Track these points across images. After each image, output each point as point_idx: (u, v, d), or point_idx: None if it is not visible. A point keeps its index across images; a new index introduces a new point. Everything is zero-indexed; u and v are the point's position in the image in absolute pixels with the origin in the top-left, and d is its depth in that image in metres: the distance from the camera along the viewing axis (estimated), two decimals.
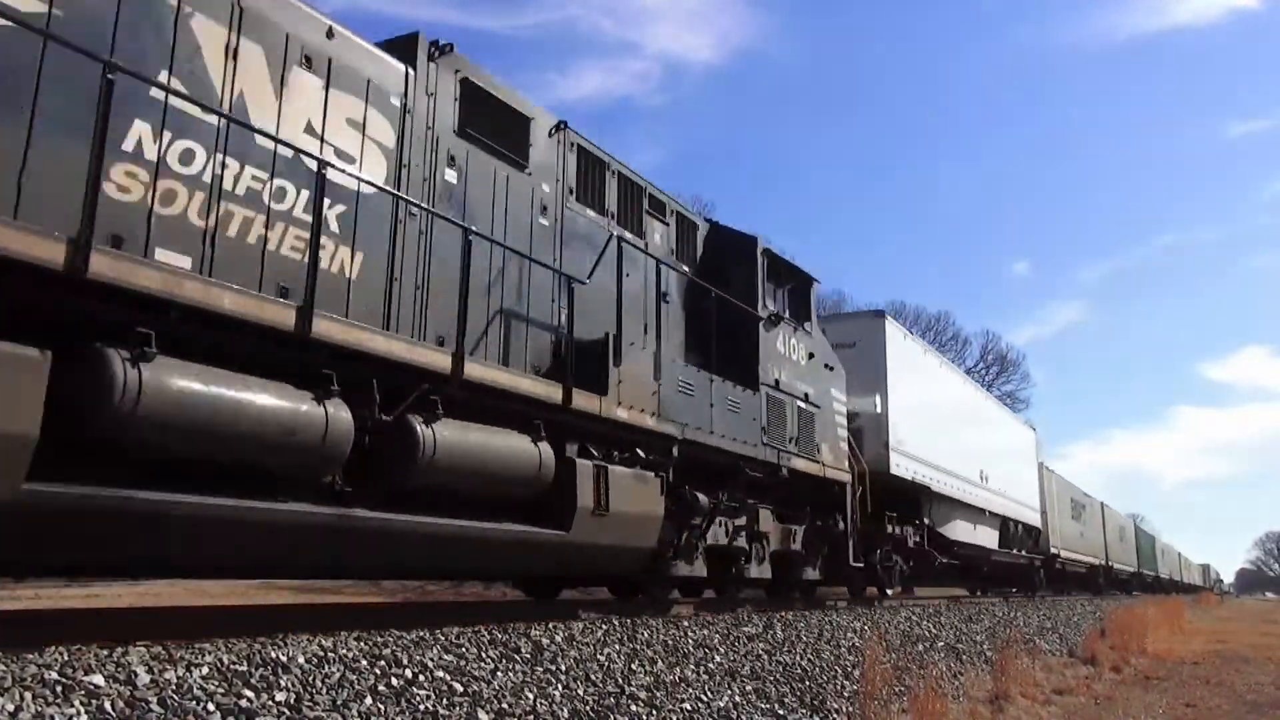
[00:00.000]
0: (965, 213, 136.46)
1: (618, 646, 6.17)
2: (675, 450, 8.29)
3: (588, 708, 5.26)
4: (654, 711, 5.63)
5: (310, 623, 5.16)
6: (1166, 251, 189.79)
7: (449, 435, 5.90)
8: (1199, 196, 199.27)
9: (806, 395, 10.99)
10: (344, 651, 4.47)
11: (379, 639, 4.79)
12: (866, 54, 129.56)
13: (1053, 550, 26.14)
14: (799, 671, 7.58)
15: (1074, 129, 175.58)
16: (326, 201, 5.47)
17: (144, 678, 3.54)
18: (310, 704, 3.94)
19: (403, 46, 6.66)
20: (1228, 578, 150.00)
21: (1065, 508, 28.89)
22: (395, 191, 6.16)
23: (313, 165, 5.39)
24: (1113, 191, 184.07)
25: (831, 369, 11.95)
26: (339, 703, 4.06)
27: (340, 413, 5.20)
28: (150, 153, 4.76)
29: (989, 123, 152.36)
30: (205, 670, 3.79)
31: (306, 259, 5.30)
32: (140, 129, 4.73)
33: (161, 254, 4.72)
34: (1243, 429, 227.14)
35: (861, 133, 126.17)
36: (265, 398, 4.81)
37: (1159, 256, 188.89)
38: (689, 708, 5.95)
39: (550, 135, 7.98)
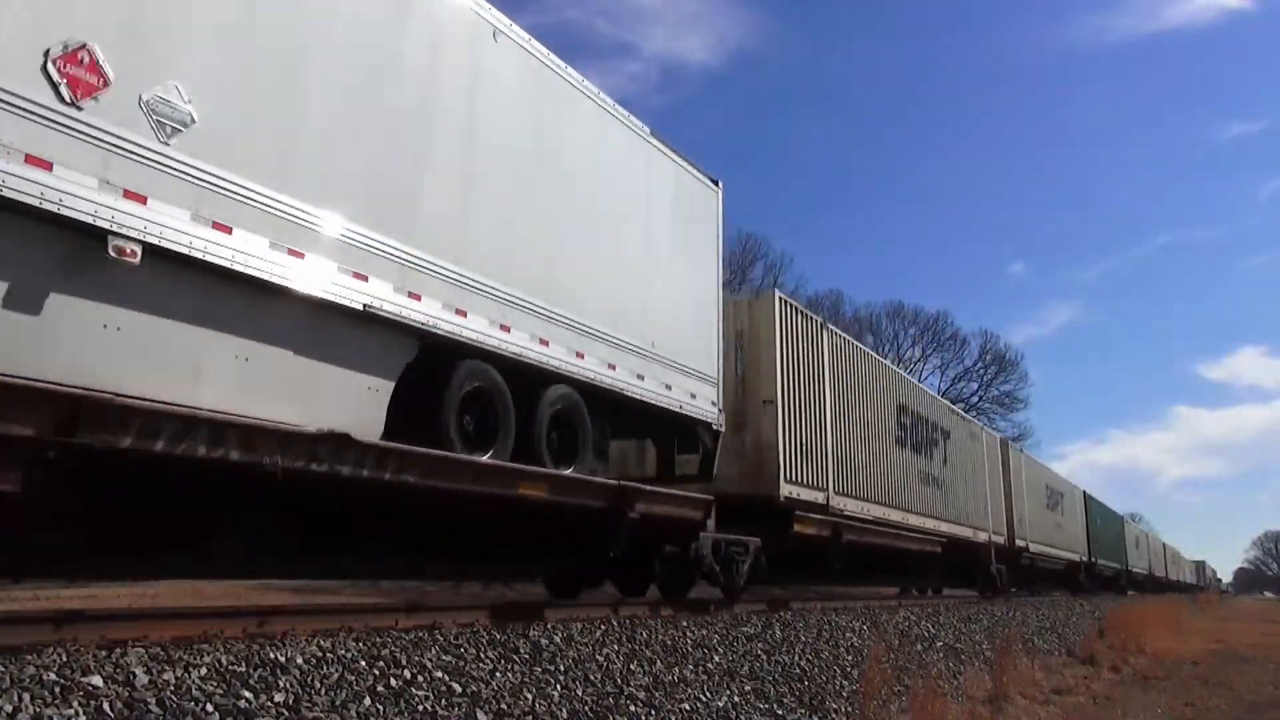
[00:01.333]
0: (961, 213, 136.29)
1: (616, 647, 6.17)
2: None
3: (586, 708, 5.26)
4: (653, 711, 5.64)
5: (309, 622, 5.16)
6: (1162, 252, 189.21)
7: None
8: (1195, 197, 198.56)
9: None
10: (342, 652, 4.46)
11: (378, 639, 4.79)
12: (863, 56, 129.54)
13: (787, 494, 10.64)
14: (798, 671, 7.58)
15: (1069, 130, 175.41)
16: None
17: (142, 679, 3.54)
18: (309, 705, 3.94)
19: None
20: (1226, 577, 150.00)
21: (882, 423, 14.02)
22: None
23: None
24: (1108, 192, 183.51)
25: None
26: (338, 703, 4.06)
27: None
28: None
29: (984, 123, 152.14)
30: (204, 671, 3.79)
31: None
32: None
33: None
34: (1240, 429, 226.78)
35: (858, 133, 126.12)
36: None
37: (1155, 257, 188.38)
38: (688, 708, 5.95)
39: None
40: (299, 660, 4.21)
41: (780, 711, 6.72)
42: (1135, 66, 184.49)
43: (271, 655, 4.14)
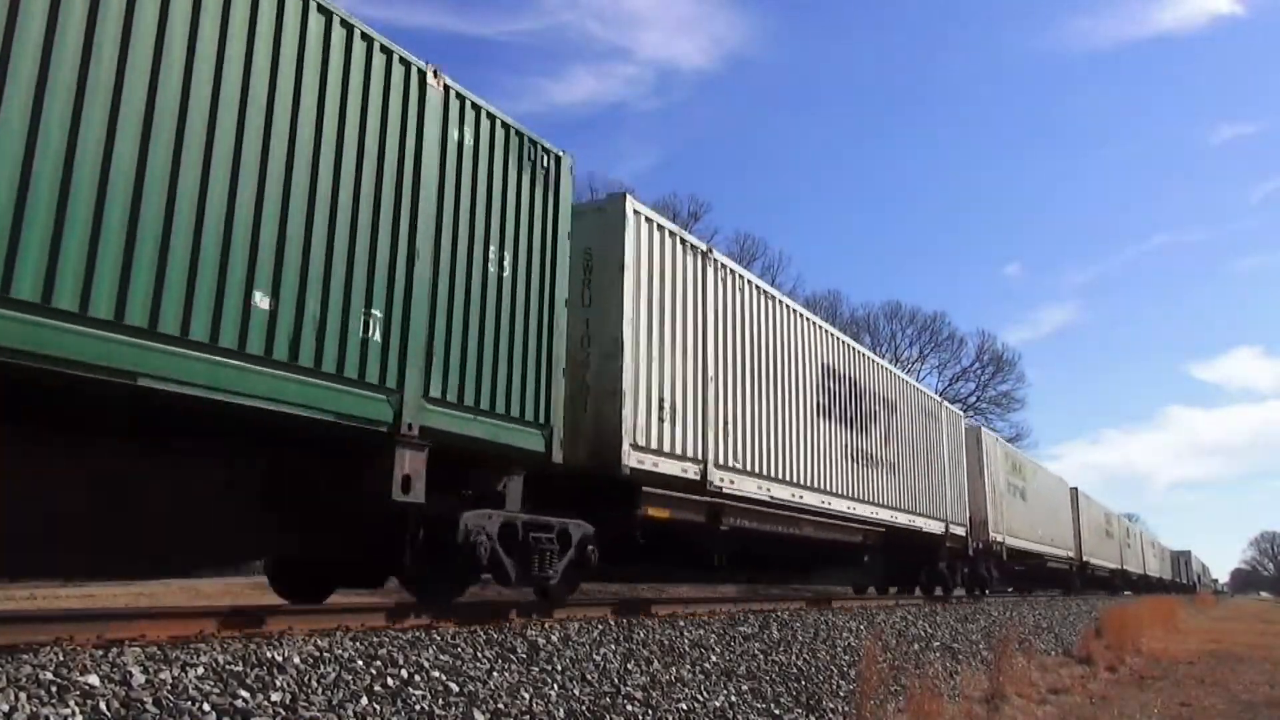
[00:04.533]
0: (958, 215, 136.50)
1: (614, 646, 6.17)
2: None
3: (584, 708, 5.26)
4: (650, 711, 5.64)
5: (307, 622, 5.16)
6: (1156, 253, 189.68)
7: None
8: (1188, 199, 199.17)
9: None
10: (340, 651, 4.46)
11: (375, 639, 4.79)
12: (859, 58, 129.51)
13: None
14: (795, 671, 7.59)
15: (1063, 133, 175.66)
16: None
17: (139, 678, 3.54)
18: (306, 704, 3.94)
19: None
20: (1222, 577, 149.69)
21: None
22: None
23: None
24: (1103, 194, 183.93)
25: None
26: (334, 703, 4.06)
27: None
28: None
29: (979, 126, 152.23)
30: (200, 670, 3.79)
31: None
32: None
33: None
34: (1234, 429, 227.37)
35: (855, 135, 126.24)
36: None
37: (1148, 258, 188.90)
38: (685, 707, 5.95)
39: None
40: (296, 660, 4.21)
41: (777, 711, 6.72)
42: (1128, 70, 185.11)
43: (269, 655, 4.14)
